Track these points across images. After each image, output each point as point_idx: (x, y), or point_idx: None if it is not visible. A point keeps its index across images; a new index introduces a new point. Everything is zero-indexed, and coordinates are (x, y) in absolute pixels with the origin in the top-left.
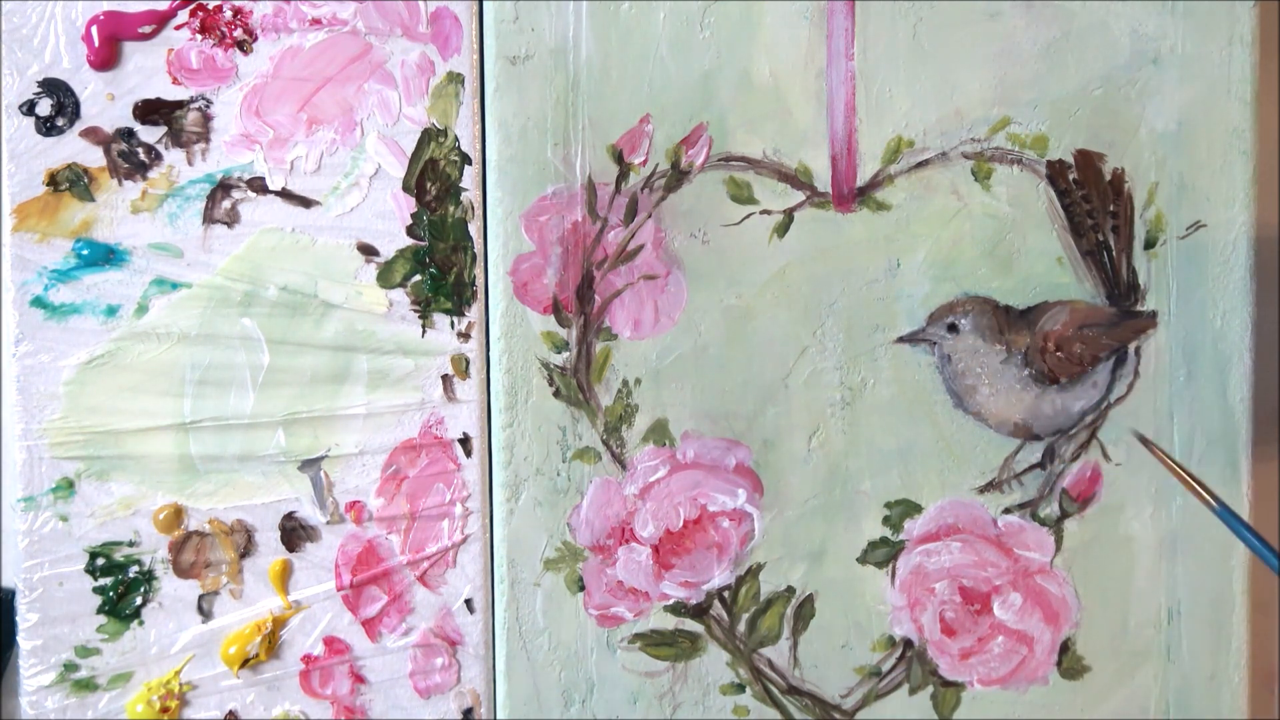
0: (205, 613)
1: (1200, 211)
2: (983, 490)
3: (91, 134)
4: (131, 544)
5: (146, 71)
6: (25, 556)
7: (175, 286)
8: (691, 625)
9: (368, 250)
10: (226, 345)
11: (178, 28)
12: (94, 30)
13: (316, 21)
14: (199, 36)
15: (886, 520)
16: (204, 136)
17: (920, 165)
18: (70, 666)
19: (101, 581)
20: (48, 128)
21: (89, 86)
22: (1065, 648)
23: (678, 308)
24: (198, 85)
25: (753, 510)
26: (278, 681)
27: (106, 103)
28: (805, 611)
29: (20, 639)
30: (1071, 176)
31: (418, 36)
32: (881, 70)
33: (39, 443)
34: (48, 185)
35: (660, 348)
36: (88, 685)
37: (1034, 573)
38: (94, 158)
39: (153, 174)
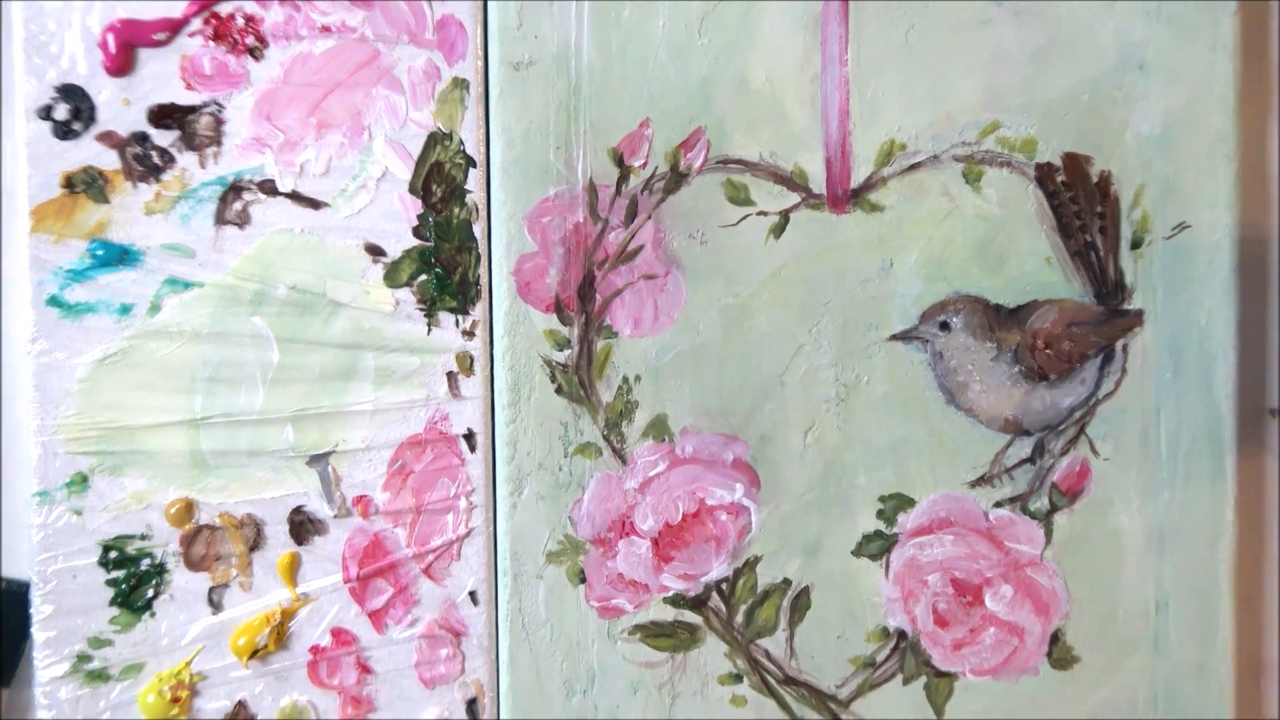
0: (215, 605)
1: (1185, 213)
2: (974, 484)
3: (107, 138)
4: (143, 537)
5: (161, 77)
6: (40, 549)
7: (187, 286)
8: (690, 617)
9: (375, 250)
10: (237, 343)
11: (191, 35)
12: (110, 37)
13: (326, 29)
14: (212, 43)
15: (880, 514)
16: (216, 140)
17: (912, 168)
18: (83, 658)
19: (114, 574)
20: (64, 132)
21: (104, 92)
22: (1055, 639)
23: (677, 306)
24: (210, 90)
25: (750, 504)
26: (286, 672)
27: (121, 107)
28: (801, 603)
29: (35, 631)
30: (1060, 179)
31: (424, 43)
32: (874, 75)
33: (53, 438)
34: (64, 188)
35: (660, 345)
36: (100, 676)
37: (1024, 565)
38: (109, 161)
39: (166, 176)
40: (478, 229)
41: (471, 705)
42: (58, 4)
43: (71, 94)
